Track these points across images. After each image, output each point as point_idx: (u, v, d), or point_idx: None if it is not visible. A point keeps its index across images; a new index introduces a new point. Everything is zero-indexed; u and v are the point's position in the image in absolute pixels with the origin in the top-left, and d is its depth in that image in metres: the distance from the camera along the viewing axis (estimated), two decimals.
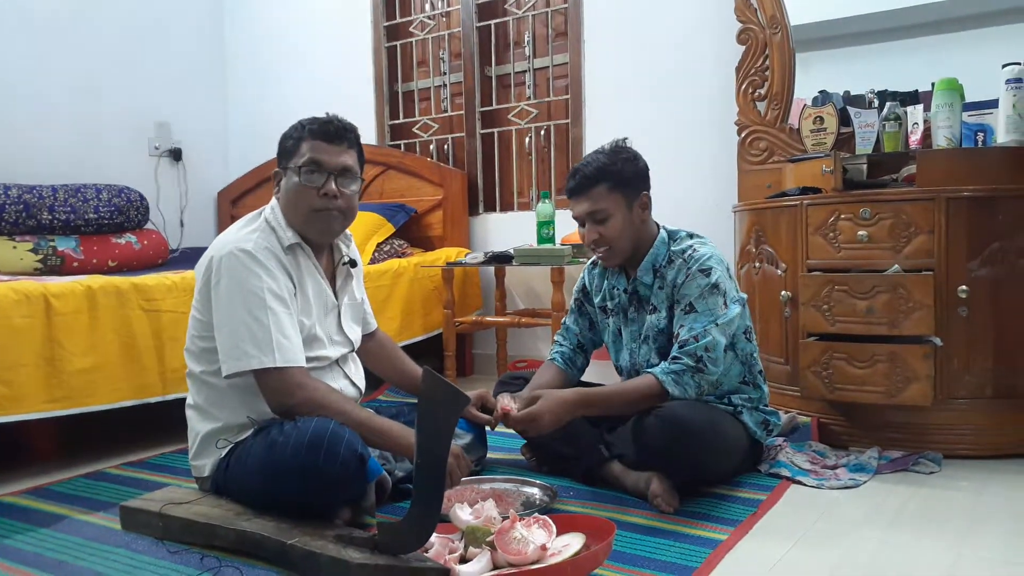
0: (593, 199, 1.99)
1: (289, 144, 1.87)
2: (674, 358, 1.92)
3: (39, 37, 3.84)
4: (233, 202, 4.60)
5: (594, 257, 2.19)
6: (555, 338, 2.32)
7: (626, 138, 2.08)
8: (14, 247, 3.36)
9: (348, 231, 2.01)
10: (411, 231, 3.94)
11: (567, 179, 2.05)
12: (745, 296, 2.07)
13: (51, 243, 3.46)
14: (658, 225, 2.11)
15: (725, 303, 1.95)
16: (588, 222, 2.02)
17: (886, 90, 2.72)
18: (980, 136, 2.41)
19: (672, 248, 2.05)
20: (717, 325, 1.92)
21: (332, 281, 1.97)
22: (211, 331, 1.79)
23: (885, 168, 2.57)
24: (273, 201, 1.91)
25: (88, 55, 4.04)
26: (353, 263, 2.03)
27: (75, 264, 3.48)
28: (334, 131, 1.85)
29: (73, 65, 3.98)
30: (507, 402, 1.93)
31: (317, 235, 1.88)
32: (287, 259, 1.83)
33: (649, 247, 2.06)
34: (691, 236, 2.08)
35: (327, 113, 1.89)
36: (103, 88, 4.11)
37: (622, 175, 1.99)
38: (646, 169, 2.06)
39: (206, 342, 1.82)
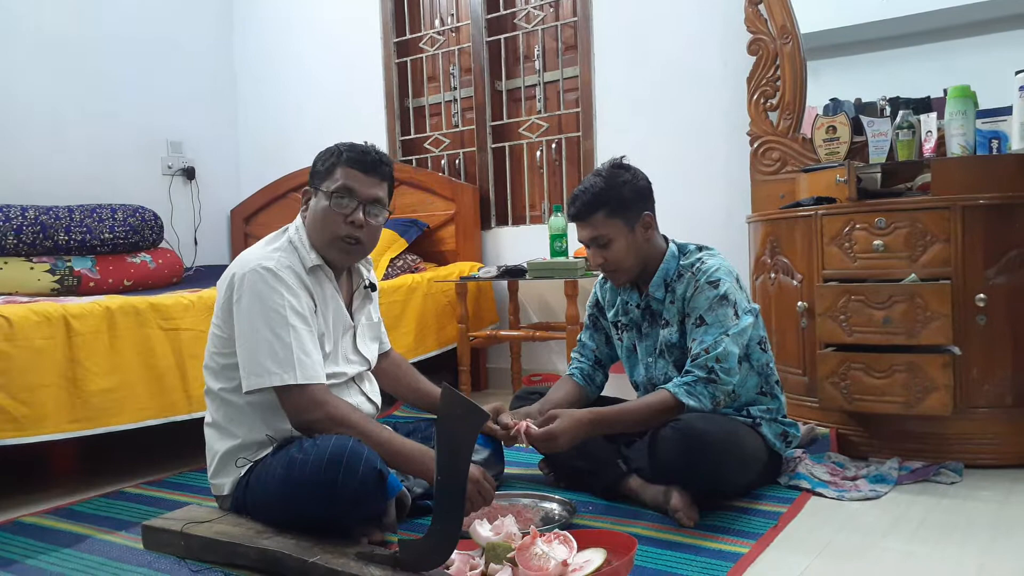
0: (594, 225, 1.99)
1: (323, 167, 1.88)
2: (687, 371, 1.93)
3: (54, 60, 3.89)
4: (246, 220, 4.63)
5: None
6: (572, 354, 2.31)
7: (623, 156, 2.07)
8: (31, 268, 3.40)
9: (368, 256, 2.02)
10: (424, 246, 3.96)
11: (568, 204, 2.05)
12: (757, 307, 2.06)
13: (68, 263, 3.49)
14: (667, 239, 2.11)
15: (736, 313, 1.94)
16: (592, 246, 2.03)
17: (898, 97, 2.71)
18: (995, 143, 2.40)
19: (681, 262, 2.05)
20: (728, 336, 1.91)
21: (349, 303, 1.98)
22: (232, 347, 1.81)
23: (899, 177, 2.57)
24: (298, 221, 1.93)
25: (102, 77, 4.09)
26: (373, 287, 2.04)
27: (91, 284, 3.51)
28: (370, 162, 1.87)
29: (87, 87, 4.03)
30: (525, 420, 1.93)
31: (336, 259, 1.91)
32: (309, 279, 1.85)
33: (659, 263, 2.06)
34: (700, 249, 2.08)
35: (365, 142, 1.91)
36: (117, 109, 4.15)
37: (620, 200, 1.98)
38: (647, 188, 2.04)
39: (226, 358, 1.83)
